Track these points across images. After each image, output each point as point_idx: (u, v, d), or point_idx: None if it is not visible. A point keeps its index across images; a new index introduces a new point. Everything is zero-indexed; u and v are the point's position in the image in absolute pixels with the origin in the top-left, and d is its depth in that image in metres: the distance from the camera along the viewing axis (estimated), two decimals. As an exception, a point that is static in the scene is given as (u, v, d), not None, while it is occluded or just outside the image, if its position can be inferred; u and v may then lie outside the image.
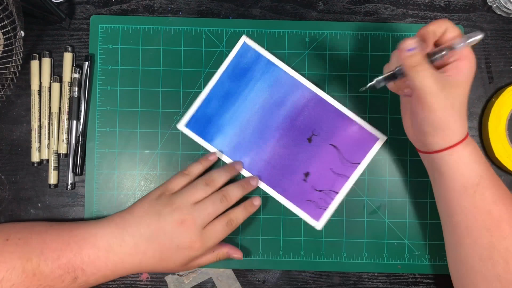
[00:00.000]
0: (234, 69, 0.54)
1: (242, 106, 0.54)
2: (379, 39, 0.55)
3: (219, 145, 0.54)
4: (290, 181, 0.53)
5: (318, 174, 0.53)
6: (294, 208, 0.53)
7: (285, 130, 0.54)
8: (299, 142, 0.53)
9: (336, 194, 0.53)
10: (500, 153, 0.53)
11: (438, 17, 0.55)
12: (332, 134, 0.53)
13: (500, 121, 0.53)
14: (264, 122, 0.54)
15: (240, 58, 0.54)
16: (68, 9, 0.55)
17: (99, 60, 0.54)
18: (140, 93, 0.54)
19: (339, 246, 0.53)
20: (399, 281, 0.54)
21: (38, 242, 0.46)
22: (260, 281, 0.54)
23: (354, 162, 0.53)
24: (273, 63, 0.54)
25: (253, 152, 0.53)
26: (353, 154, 0.53)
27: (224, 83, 0.54)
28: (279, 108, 0.54)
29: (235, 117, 0.54)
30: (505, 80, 0.55)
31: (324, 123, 0.53)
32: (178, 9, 0.55)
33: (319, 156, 0.53)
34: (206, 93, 0.54)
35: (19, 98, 0.54)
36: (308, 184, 0.53)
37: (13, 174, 0.54)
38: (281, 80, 0.54)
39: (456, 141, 0.42)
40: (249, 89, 0.54)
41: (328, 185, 0.53)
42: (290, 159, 0.53)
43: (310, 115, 0.54)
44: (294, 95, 0.54)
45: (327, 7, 0.55)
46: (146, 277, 0.54)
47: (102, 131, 0.54)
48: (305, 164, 0.53)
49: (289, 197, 0.53)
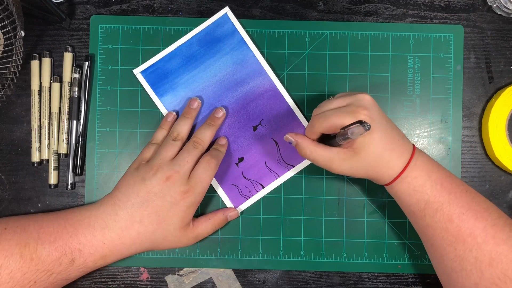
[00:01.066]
0: (206, 36, 0.54)
1: (202, 73, 0.54)
2: (379, 39, 0.55)
3: (167, 102, 0.54)
4: (224, 161, 0.53)
5: (251, 163, 0.53)
6: (217, 187, 0.53)
7: (235, 110, 0.54)
8: (244, 126, 0.54)
9: (262, 188, 0.53)
10: (500, 153, 0.53)
11: (438, 17, 0.55)
12: (277, 130, 0.54)
13: (500, 121, 0.53)
14: (217, 96, 0.54)
15: (216, 27, 0.54)
16: (68, 9, 0.55)
17: (99, 60, 0.54)
18: (140, 93, 0.54)
19: (339, 246, 0.53)
20: (399, 281, 0.54)
21: (35, 227, 0.47)
22: (260, 281, 0.54)
23: (288, 164, 0.54)
24: (246, 42, 0.54)
25: (198, 121, 0.54)
26: (290, 155, 0.54)
27: (193, 45, 0.54)
28: (237, 87, 0.54)
29: (192, 81, 0.54)
30: (505, 80, 0.55)
31: (274, 117, 0.54)
32: (178, 9, 0.55)
33: (258, 146, 0.54)
34: (171, 49, 0.54)
35: (19, 98, 0.54)
36: (239, 169, 0.53)
37: (13, 174, 0.54)
38: (247, 61, 0.54)
39: (387, 181, 0.45)
40: (214, 59, 0.54)
41: (257, 176, 0.53)
42: (230, 140, 0.54)
43: (263, 105, 0.54)
44: (255, 80, 0.54)
45: (327, 7, 0.55)
46: (146, 277, 0.54)
47: (102, 131, 0.54)
48: (243, 149, 0.54)
49: (216, 174, 0.53)
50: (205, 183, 0.49)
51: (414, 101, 0.54)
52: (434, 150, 0.54)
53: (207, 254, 0.53)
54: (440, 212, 0.44)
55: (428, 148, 0.54)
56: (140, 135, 0.54)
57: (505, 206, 0.54)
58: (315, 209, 0.54)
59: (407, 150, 0.45)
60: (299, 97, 0.54)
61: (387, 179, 0.45)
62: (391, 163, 0.44)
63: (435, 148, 0.54)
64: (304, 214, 0.54)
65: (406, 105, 0.54)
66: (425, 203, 0.44)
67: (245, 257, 0.53)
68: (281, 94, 0.54)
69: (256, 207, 0.54)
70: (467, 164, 0.54)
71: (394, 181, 0.45)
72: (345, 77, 0.54)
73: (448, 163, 0.54)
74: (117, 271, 0.54)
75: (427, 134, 0.54)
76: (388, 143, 0.44)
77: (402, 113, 0.54)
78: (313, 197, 0.54)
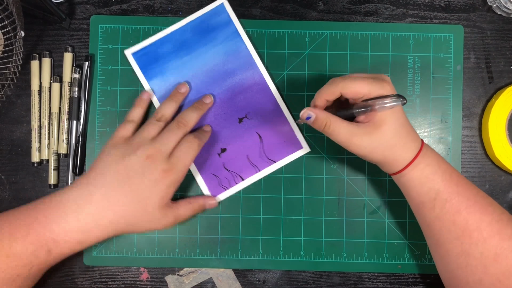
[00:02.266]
0: (201, 24, 0.54)
1: (192, 61, 0.54)
2: (379, 39, 0.55)
3: (155, 86, 0.54)
4: (206, 150, 0.53)
5: (233, 154, 0.54)
6: (197, 175, 0.53)
7: (222, 101, 0.54)
8: (230, 118, 0.54)
9: (242, 180, 0.53)
10: (500, 153, 0.53)
11: (438, 17, 0.55)
12: (263, 124, 0.54)
13: (500, 121, 0.53)
14: (206, 85, 0.54)
15: (211, 16, 0.54)
16: (68, 9, 0.55)
17: (99, 60, 0.54)
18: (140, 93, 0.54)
19: (339, 246, 0.53)
20: (399, 281, 0.54)
21: (4, 225, 0.44)
22: (260, 281, 0.54)
23: (270, 159, 0.54)
24: (239, 34, 0.54)
25: (184, 108, 0.53)
26: (273, 151, 0.54)
27: (186, 32, 0.54)
28: (226, 78, 0.54)
29: (182, 68, 0.54)
30: (505, 80, 0.55)
31: (260, 111, 0.54)
32: (178, 9, 0.55)
33: (242, 139, 0.54)
34: (164, 34, 0.54)
35: (19, 98, 0.54)
36: (220, 159, 0.53)
37: (13, 174, 0.54)
38: (239, 53, 0.54)
39: (402, 166, 0.45)
40: (206, 48, 0.54)
41: (238, 169, 0.53)
42: (215, 130, 0.54)
43: (251, 98, 0.54)
44: (245, 72, 0.54)
45: (327, 7, 0.55)
46: (146, 277, 0.54)
47: (102, 131, 0.54)
48: (226, 140, 0.54)
49: (197, 163, 0.53)
50: (187, 162, 0.48)
51: (414, 101, 0.54)
52: (434, 150, 0.54)
53: (207, 254, 0.53)
54: (450, 203, 0.43)
55: (428, 148, 0.54)
56: (140, 135, 0.54)
57: (505, 206, 0.54)
58: (315, 209, 0.54)
59: (418, 138, 0.45)
60: (299, 97, 0.54)
61: (401, 163, 0.44)
62: (407, 144, 0.44)
63: (435, 148, 0.54)
64: (304, 214, 0.54)
65: (406, 105, 0.54)
66: (436, 192, 0.44)
67: (245, 257, 0.53)
68: (269, 89, 0.54)
69: (256, 207, 0.54)
70: (467, 164, 0.54)
71: (409, 165, 0.44)
72: (345, 77, 0.54)
73: (448, 163, 0.54)
74: (117, 271, 0.54)
75: (427, 134, 0.54)
76: (406, 124, 0.44)
77: (402, 113, 0.54)
78: (313, 197, 0.54)
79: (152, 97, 0.53)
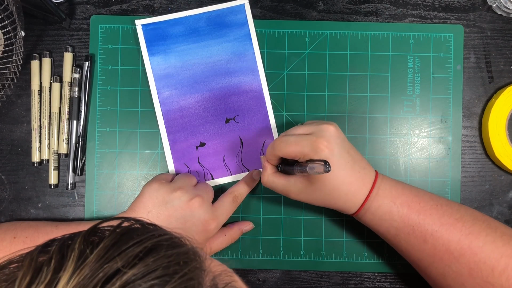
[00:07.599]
0: (217, 17, 0.54)
1: (198, 50, 0.54)
2: (379, 39, 0.55)
3: (154, 63, 0.54)
4: (185, 140, 0.53)
5: (211, 152, 0.54)
6: (170, 161, 0.53)
7: (215, 96, 0.54)
8: (218, 115, 0.54)
9: (212, 179, 0.54)
10: (500, 153, 0.53)
11: (438, 17, 0.55)
12: (247, 130, 0.54)
13: (500, 121, 0.53)
14: (205, 77, 0.54)
15: (229, 13, 0.54)
16: (68, 9, 0.55)
17: (99, 60, 0.54)
18: (140, 93, 0.54)
19: (339, 246, 0.53)
20: (399, 281, 0.54)
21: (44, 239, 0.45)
22: (260, 281, 0.54)
23: (244, 166, 0.54)
24: (251, 38, 0.54)
25: (176, 91, 0.54)
26: (249, 160, 0.54)
27: (200, 20, 0.54)
28: (226, 76, 0.54)
29: (186, 53, 0.54)
30: (505, 80, 0.55)
31: (248, 118, 0.54)
32: (178, 9, 0.55)
33: (223, 139, 0.54)
34: (179, 15, 0.54)
35: (20, 98, 0.55)
36: (196, 153, 0.54)
37: (13, 174, 0.54)
38: (245, 56, 0.54)
39: (352, 212, 0.45)
40: (216, 41, 0.54)
41: (211, 166, 0.54)
42: (199, 123, 0.54)
43: (244, 102, 0.54)
44: (245, 76, 0.54)
45: (327, 7, 0.55)
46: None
47: (102, 131, 0.54)
48: (208, 135, 0.54)
49: (173, 150, 0.53)
50: (228, 216, 0.49)
51: (414, 101, 0.54)
52: (434, 150, 0.54)
53: (207, 254, 0.53)
54: (413, 235, 0.44)
55: (428, 148, 0.54)
56: (140, 135, 0.54)
57: (505, 206, 0.54)
58: (315, 209, 0.54)
59: (368, 181, 0.45)
60: (299, 97, 0.54)
61: (348, 210, 0.46)
62: (349, 195, 0.44)
63: (435, 148, 0.54)
64: (304, 214, 0.54)
65: (406, 105, 0.54)
66: (395, 230, 0.45)
67: (245, 257, 0.53)
68: (264, 99, 0.54)
69: (256, 207, 0.54)
70: (467, 164, 0.54)
71: (358, 213, 0.45)
72: (345, 77, 0.54)
73: (448, 163, 0.54)
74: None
75: (427, 134, 0.54)
76: (347, 177, 0.43)
77: (402, 113, 0.54)
78: (313, 197, 0.54)
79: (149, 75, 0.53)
